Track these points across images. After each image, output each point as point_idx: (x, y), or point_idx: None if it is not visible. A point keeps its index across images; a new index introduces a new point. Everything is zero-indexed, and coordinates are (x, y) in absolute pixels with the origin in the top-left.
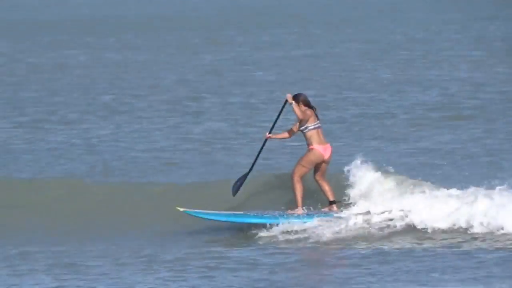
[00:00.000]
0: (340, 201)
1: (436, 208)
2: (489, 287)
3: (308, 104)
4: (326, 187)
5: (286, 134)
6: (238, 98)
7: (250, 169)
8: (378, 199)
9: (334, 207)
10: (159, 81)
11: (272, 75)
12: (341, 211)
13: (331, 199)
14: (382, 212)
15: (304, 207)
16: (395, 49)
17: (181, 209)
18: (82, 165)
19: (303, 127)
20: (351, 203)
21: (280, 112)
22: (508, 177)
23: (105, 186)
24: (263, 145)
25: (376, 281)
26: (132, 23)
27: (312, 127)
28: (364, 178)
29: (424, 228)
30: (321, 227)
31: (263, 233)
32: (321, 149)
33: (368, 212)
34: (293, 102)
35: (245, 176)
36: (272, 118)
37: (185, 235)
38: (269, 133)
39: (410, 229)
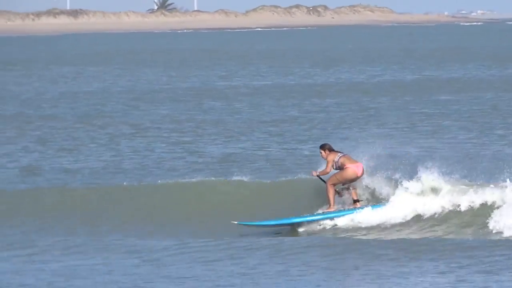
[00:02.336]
0: (362, 200)
1: None
2: None
3: (330, 149)
4: (353, 190)
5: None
6: None
7: None
8: None
9: (358, 204)
10: None
11: None
12: (365, 206)
13: (355, 198)
14: None
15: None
16: None
17: (236, 222)
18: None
19: (333, 166)
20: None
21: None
22: None
23: None
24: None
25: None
26: None
27: (339, 157)
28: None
29: None
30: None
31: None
32: (355, 167)
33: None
34: (317, 174)
35: None
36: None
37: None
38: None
39: None
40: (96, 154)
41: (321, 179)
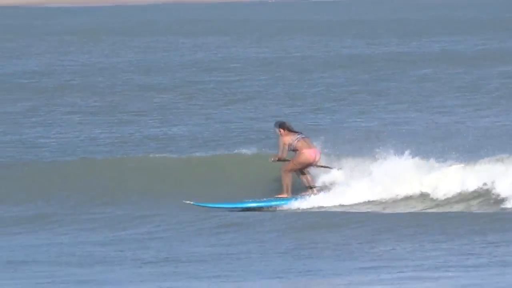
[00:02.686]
0: (316, 187)
1: None
2: None
3: (289, 129)
4: (308, 176)
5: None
6: None
7: None
8: None
9: (313, 190)
10: None
11: None
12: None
13: (309, 184)
14: None
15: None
16: None
17: (188, 202)
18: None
19: (290, 149)
20: None
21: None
22: None
23: None
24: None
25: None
26: None
27: (297, 140)
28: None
29: None
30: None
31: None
32: (311, 152)
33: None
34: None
35: None
36: None
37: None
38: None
39: None
40: (181, 124)
41: (283, 160)
